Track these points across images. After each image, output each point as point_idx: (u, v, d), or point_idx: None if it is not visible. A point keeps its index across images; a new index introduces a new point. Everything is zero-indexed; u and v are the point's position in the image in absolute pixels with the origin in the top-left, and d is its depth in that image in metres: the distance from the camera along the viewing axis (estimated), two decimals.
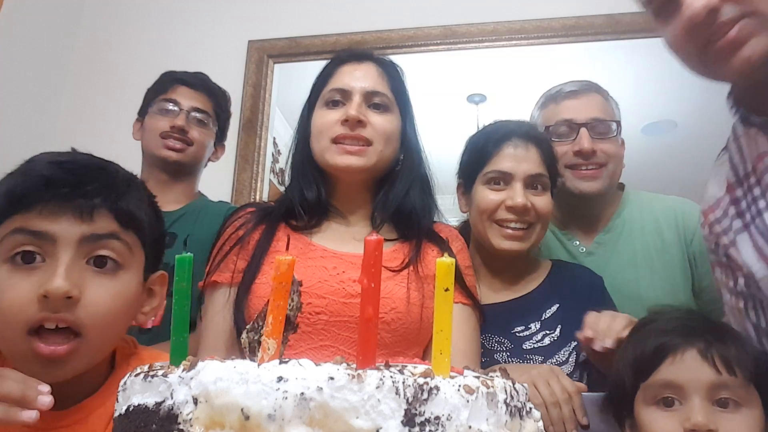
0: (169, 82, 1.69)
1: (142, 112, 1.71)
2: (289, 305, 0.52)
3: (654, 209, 1.54)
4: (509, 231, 1.26)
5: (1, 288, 0.76)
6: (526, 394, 0.51)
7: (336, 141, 1.18)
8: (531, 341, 1.24)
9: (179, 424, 0.45)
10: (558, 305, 1.28)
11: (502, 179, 1.28)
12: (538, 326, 1.25)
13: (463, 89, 2.56)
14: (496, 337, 1.26)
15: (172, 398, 0.47)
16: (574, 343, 1.21)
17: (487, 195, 1.28)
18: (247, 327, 0.55)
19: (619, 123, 1.53)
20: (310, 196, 1.21)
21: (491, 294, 1.32)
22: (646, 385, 0.88)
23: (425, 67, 2.48)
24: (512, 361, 1.22)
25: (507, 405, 0.47)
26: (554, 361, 1.21)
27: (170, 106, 1.64)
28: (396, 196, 1.22)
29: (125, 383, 0.52)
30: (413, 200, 1.23)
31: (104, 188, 0.81)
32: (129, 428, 0.49)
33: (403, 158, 1.25)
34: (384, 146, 1.19)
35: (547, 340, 1.24)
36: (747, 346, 0.88)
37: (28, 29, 2.40)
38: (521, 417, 0.49)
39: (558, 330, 1.25)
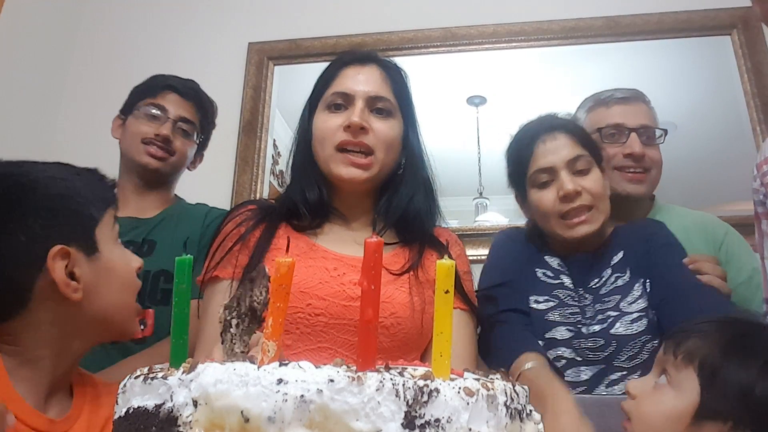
0: (159, 86, 1.63)
1: (126, 111, 1.64)
2: (257, 299, 0.52)
3: (683, 219, 1.60)
4: (573, 221, 1.31)
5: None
6: (527, 396, 0.51)
7: (340, 148, 1.17)
8: (606, 286, 1.31)
9: (179, 426, 0.45)
10: (623, 252, 1.35)
11: (547, 175, 1.32)
12: (609, 272, 1.33)
13: (463, 91, 2.55)
14: (581, 290, 1.32)
15: (171, 400, 0.47)
16: (642, 279, 1.29)
17: (540, 197, 1.34)
18: (225, 303, 0.55)
19: (665, 131, 1.62)
20: (311, 197, 1.20)
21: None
22: None
23: (425, 69, 2.47)
24: (595, 308, 1.28)
25: (507, 407, 0.47)
26: (630, 298, 1.28)
27: (157, 112, 1.58)
28: (400, 202, 1.21)
29: (125, 385, 0.52)
30: (417, 205, 1.22)
31: None
32: (129, 430, 0.49)
33: (405, 163, 1.24)
34: (385, 154, 1.19)
35: (620, 281, 1.31)
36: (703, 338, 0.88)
37: (28, 31, 2.41)
38: (521, 419, 0.49)
39: (628, 272, 1.31)
